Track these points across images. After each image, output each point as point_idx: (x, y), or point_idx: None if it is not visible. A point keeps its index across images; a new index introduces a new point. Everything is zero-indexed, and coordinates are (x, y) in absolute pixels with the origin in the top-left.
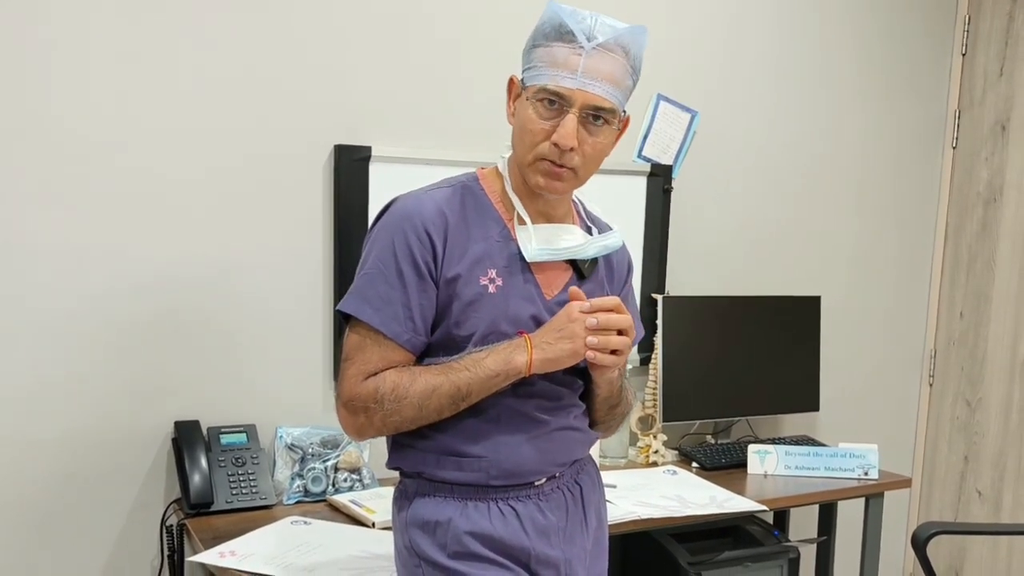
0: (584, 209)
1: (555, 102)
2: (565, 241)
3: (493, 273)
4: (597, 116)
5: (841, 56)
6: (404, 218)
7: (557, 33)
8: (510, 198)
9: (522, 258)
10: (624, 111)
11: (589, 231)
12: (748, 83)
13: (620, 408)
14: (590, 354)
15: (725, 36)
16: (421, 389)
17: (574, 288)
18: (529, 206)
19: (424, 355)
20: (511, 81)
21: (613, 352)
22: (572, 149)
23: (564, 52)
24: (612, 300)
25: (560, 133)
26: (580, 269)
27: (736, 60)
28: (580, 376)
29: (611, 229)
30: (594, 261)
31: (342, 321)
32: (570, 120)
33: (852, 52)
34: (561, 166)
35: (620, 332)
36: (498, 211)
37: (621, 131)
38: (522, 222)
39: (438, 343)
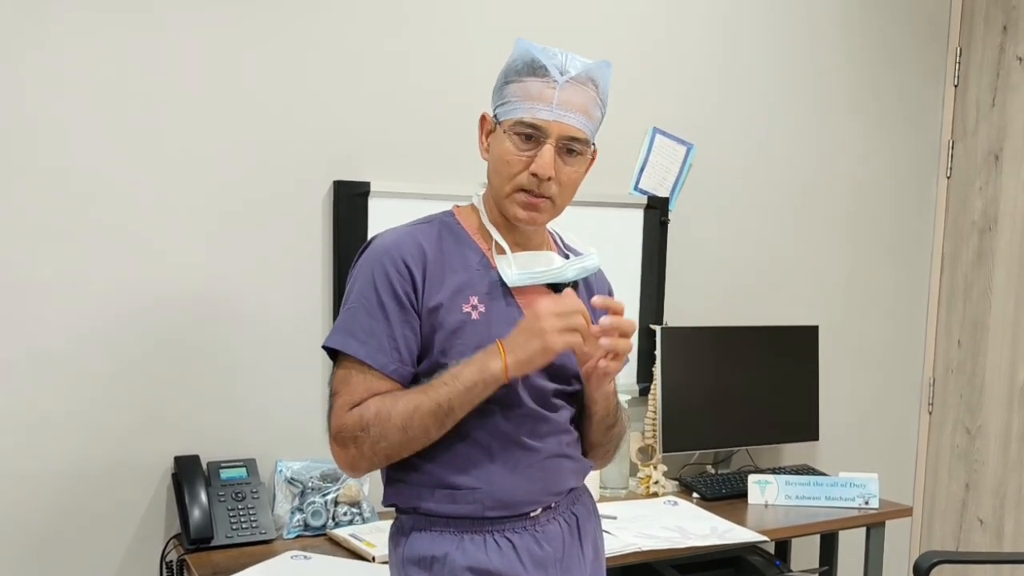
0: (562, 240)
1: (532, 135)
2: (544, 265)
3: (475, 300)
4: (571, 148)
5: (835, 88)
6: (383, 252)
7: (530, 69)
8: (487, 230)
9: (503, 284)
10: (593, 144)
11: (567, 259)
12: (743, 116)
13: (616, 429)
14: (602, 363)
15: (719, 70)
16: (403, 409)
17: (569, 290)
18: (507, 236)
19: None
20: (483, 118)
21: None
22: (550, 179)
23: (538, 86)
24: (620, 304)
25: (539, 163)
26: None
27: (730, 93)
28: (570, 401)
29: (589, 253)
30: (575, 285)
31: (330, 357)
32: (547, 151)
33: (846, 84)
34: (539, 196)
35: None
36: (476, 242)
37: (590, 162)
38: (501, 251)
39: (426, 374)
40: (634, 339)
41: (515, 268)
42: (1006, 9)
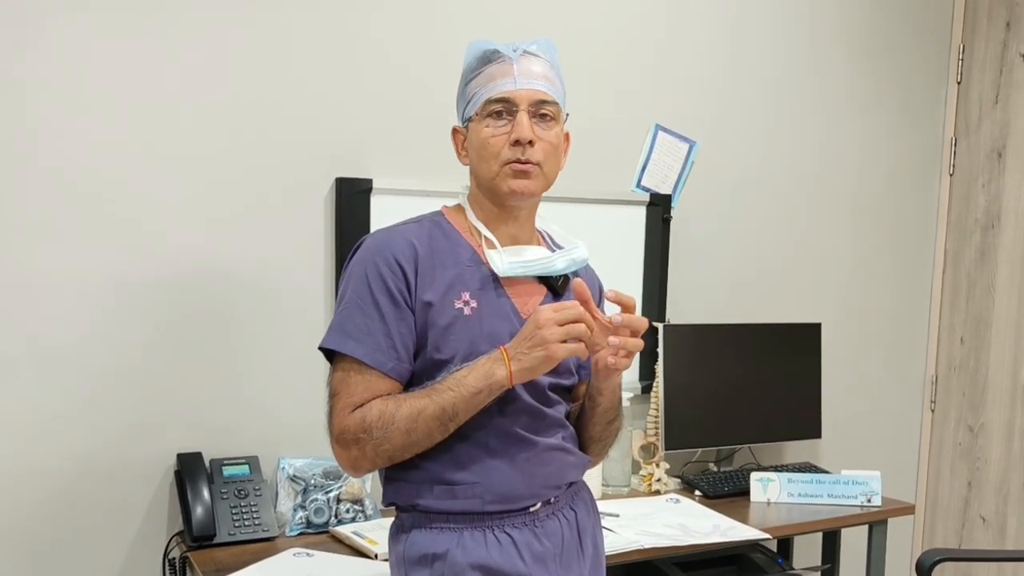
0: (551, 238)
1: (503, 110)
2: (534, 255)
3: (467, 296)
4: (544, 113)
5: (837, 85)
6: (375, 251)
7: (484, 59)
8: (476, 227)
9: (495, 279)
10: (566, 114)
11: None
12: (745, 113)
13: (616, 424)
14: (611, 360)
15: (722, 67)
16: (407, 413)
17: (578, 280)
18: (494, 231)
19: (409, 385)
20: (454, 131)
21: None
22: (532, 143)
23: (496, 67)
24: (630, 300)
25: (517, 130)
26: (553, 287)
27: (733, 90)
28: (566, 396)
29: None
30: (566, 279)
31: (327, 358)
32: (522, 116)
33: (848, 81)
34: (527, 162)
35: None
36: (466, 239)
37: (567, 142)
38: (491, 246)
39: (421, 371)
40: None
41: (506, 258)
42: (1009, 6)
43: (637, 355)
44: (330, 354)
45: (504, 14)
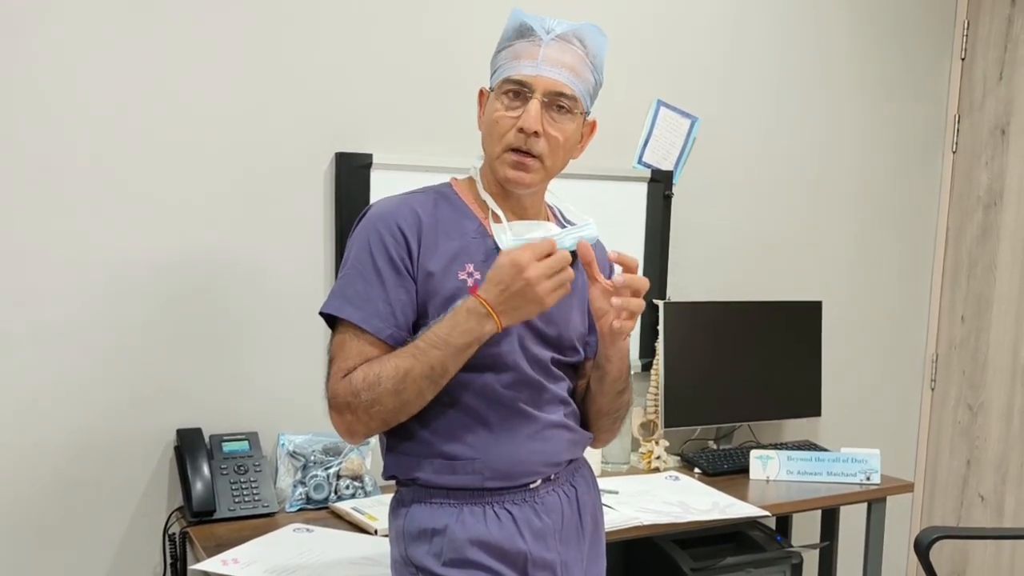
0: (561, 214)
1: (519, 93)
2: (540, 233)
3: (471, 268)
4: (560, 105)
5: (841, 61)
6: (378, 219)
7: (518, 32)
8: (484, 199)
9: (499, 252)
10: (589, 112)
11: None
12: (748, 89)
13: (626, 396)
14: (616, 323)
15: (725, 42)
16: (391, 373)
17: (583, 243)
18: (503, 206)
19: None
20: (480, 92)
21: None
22: (537, 134)
23: (524, 46)
24: (633, 260)
25: (525, 118)
26: None
27: (736, 66)
28: (569, 372)
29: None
30: (574, 255)
31: (328, 325)
32: (533, 104)
33: (852, 57)
34: (527, 154)
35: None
36: (473, 211)
37: (588, 135)
38: (497, 219)
39: None
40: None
41: (510, 234)
42: None
43: (636, 334)
44: (331, 320)
45: None
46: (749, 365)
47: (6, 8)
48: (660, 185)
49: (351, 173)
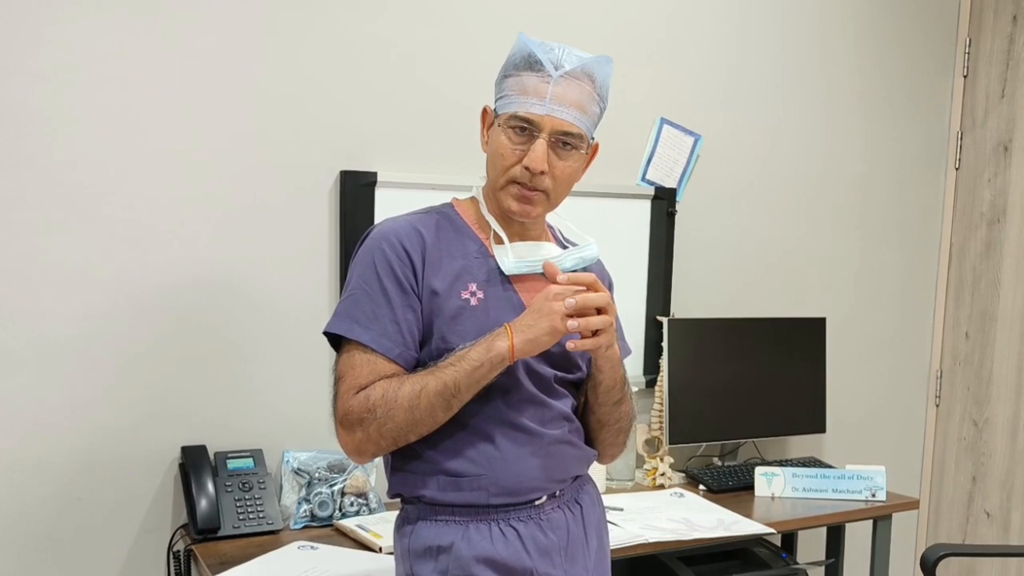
0: (561, 234)
1: (525, 128)
2: (542, 254)
3: (474, 287)
4: (566, 142)
5: (843, 78)
6: (382, 239)
7: (527, 63)
8: (486, 220)
9: (502, 273)
10: (593, 138)
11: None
12: (751, 106)
13: (624, 407)
14: (569, 344)
15: (728, 60)
16: (408, 390)
17: (547, 262)
18: (505, 227)
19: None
20: (484, 111)
21: (594, 334)
22: (543, 172)
23: (533, 81)
24: (588, 276)
25: (531, 157)
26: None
27: (739, 83)
28: (573, 390)
29: (588, 243)
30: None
31: (332, 345)
32: (540, 145)
33: (854, 74)
34: (533, 189)
35: (599, 311)
36: (475, 232)
37: (591, 157)
38: (499, 241)
39: (427, 360)
40: (636, 318)
41: (512, 257)
42: (1016, 0)
43: (640, 351)
44: (335, 340)
45: (508, 9)
46: (753, 381)
47: (12, 34)
48: (664, 202)
49: (356, 191)
